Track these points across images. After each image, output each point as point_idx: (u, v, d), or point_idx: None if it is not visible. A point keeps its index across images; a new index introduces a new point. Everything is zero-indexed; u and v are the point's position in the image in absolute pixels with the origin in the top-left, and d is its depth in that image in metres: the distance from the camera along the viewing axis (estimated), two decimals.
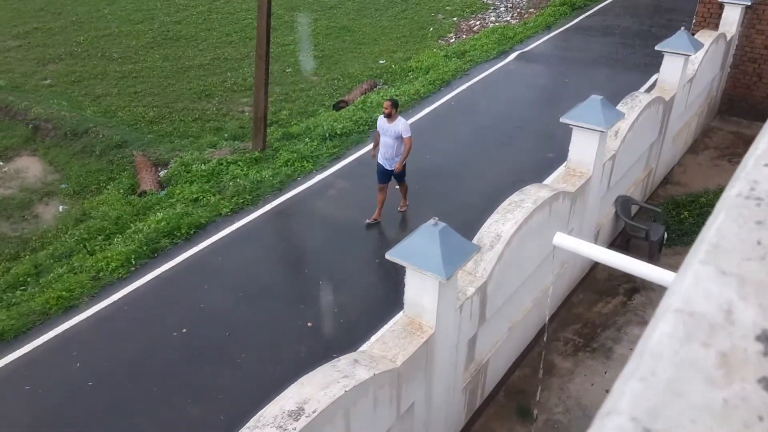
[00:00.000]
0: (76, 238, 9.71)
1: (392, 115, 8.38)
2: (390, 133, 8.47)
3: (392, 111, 8.33)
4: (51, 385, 6.53)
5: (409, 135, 8.46)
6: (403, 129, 8.42)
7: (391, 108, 8.32)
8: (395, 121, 8.43)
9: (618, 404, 0.60)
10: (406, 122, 8.53)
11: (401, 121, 8.49)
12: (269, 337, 7.15)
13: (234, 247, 8.81)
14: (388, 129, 8.48)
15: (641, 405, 0.59)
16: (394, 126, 8.42)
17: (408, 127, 8.49)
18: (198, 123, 13.97)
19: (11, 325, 7.34)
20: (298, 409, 3.65)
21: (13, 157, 12.28)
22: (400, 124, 8.43)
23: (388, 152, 8.57)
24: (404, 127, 8.43)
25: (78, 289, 7.95)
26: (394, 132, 8.43)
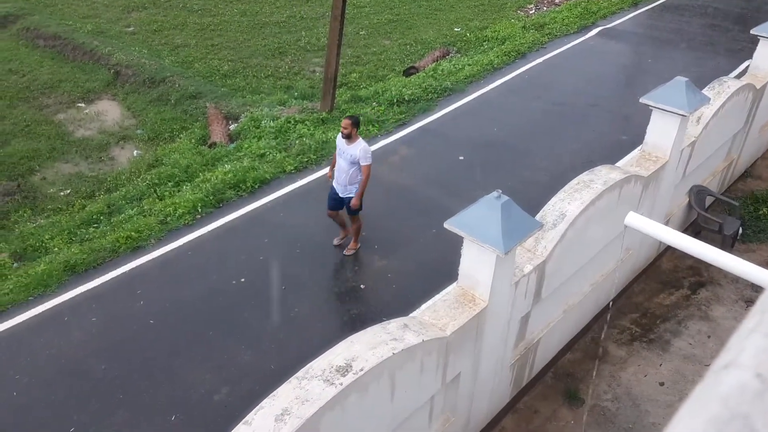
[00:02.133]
0: (147, 183, 10.09)
1: (352, 135, 7.06)
2: (346, 156, 7.15)
3: (352, 131, 7.02)
4: (115, 319, 6.88)
5: (369, 162, 7.11)
6: (362, 154, 7.07)
7: (350, 127, 7.01)
8: (355, 142, 7.11)
9: (739, 358, 0.55)
10: (367, 146, 7.17)
11: (361, 144, 7.12)
12: (322, 294, 7.28)
13: (295, 205, 8.96)
14: (345, 151, 7.17)
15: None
16: (351, 148, 7.10)
17: (368, 153, 7.13)
18: (270, 80, 14.14)
19: (83, 259, 7.75)
20: (346, 365, 3.71)
21: (94, 100, 12.81)
22: (358, 148, 7.07)
23: (342, 177, 7.29)
24: (363, 152, 7.08)
25: (146, 231, 8.29)
26: (351, 156, 7.10)
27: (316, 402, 3.52)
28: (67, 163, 10.99)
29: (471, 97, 12.20)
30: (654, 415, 6.15)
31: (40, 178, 10.50)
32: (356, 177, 7.23)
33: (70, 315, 6.90)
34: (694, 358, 6.84)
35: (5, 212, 9.69)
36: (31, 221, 9.54)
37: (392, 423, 4.18)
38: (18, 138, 11.27)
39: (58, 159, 11.02)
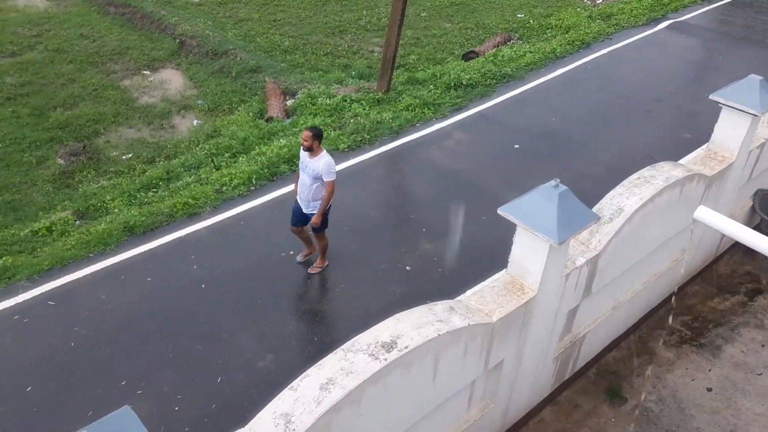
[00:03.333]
0: (205, 152, 10.35)
1: (313, 148, 6.52)
2: (309, 170, 6.62)
3: (313, 143, 6.48)
4: (169, 281, 7.12)
5: (332, 179, 6.59)
6: (325, 170, 6.52)
7: (311, 140, 6.46)
8: (317, 156, 6.57)
9: None
10: (330, 161, 6.57)
11: (324, 157, 6.56)
12: (368, 273, 7.35)
13: (346, 183, 9.02)
14: (308, 165, 6.62)
15: None
16: (314, 162, 6.56)
17: (331, 168, 6.55)
18: (328, 58, 14.21)
19: (142, 222, 8.03)
20: (391, 342, 3.76)
21: (159, 68, 13.16)
22: (321, 162, 6.52)
23: (304, 193, 6.77)
24: (326, 167, 6.52)
25: (202, 199, 8.52)
26: (313, 170, 6.57)
27: (360, 375, 3.58)
28: (131, 128, 11.36)
29: (531, 85, 11.99)
30: (699, 420, 6.01)
31: (104, 141, 10.89)
32: (319, 193, 6.67)
33: (127, 274, 7.18)
34: (746, 366, 6.63)
35: (71, 172, 10.11)
36: (94, 182, 9.93)
37: (432, 403, 4.22)
38: (86, 101, 11.70)
39: (122, 124, 11.40)
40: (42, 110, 11.24)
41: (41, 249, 7.83)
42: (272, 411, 3.50)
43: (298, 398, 3.50)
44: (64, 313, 6.64)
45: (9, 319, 6.50)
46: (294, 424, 3.39)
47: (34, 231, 8.36)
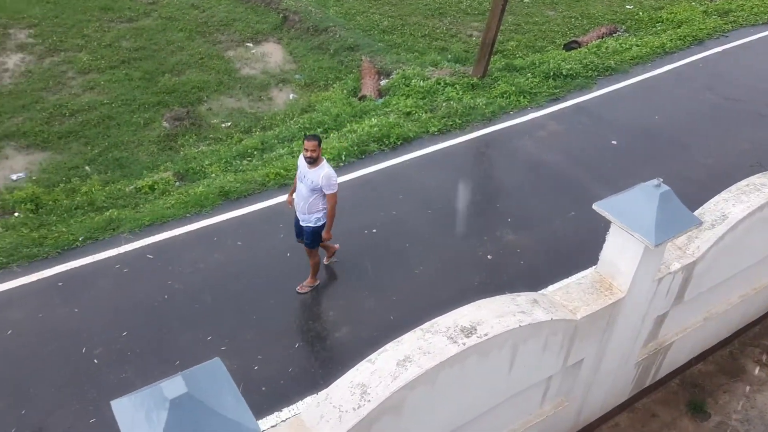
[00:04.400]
0: (299, 126, 10.62)
1: (317, 159, 6.02)
2: (307, 181, 6.08)
3: (319, 153, 6.00)
4: (257, 247, 7.42)
5: (333, 191, 6.07)
6: (325, 182, 6.00)
7: (318, 149, 5.95)
8: (318, 166, 6.03)
9: None
10: (330, 172, 6.03)
11: (324, 169, 6.02)
12: (448, 258, 7.34)
13: (433, 166, 9.02)
14: (306, 175, 6.09)
15: None
16: (313, 173, 6.02)
17: (332, 180, 6.02)
18: (425, 40, 14.15)
19: (236, 188, 8.38)
20: (471, 327, 3.76)
21: (261, 41, 13.57)
22: (321, 174, 5.99)
23: (300, 205, 6.27)
24: (326, 179, 5.99)
25: (293, 171, 8.75)
26: (312, 182, 6.04)
27: (438, 356, 3.61)
28: (231, 97, 11.81)
29: (634, 80, 11.46)
30: None
31: (206, 109, 11.39)
32: (317, 205, 6.18)
33: (219, 236, 7.53)
34: None
35: (174, 135, 10.66)
36: (194, 146, 10.43)
37: (506, 393, 4.19)
38: (192, 69, 12.26)
39: (223, 93, 11.87)
40: (152, 75, 11.89)
41: (143, 205, 8.34)
42: (349, 380, 3.59)
43: (375, 371, 3.58)
44: (160, 267, 7.06)
45: (111, 268, 7.00)
46: (369, 395, 3.47)
47: (138, 188, 8.91)
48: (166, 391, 2.74)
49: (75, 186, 8.94)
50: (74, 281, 6.80)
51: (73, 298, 6.57)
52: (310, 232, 6.36)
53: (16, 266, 6.96)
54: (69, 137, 10.25)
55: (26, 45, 12.22)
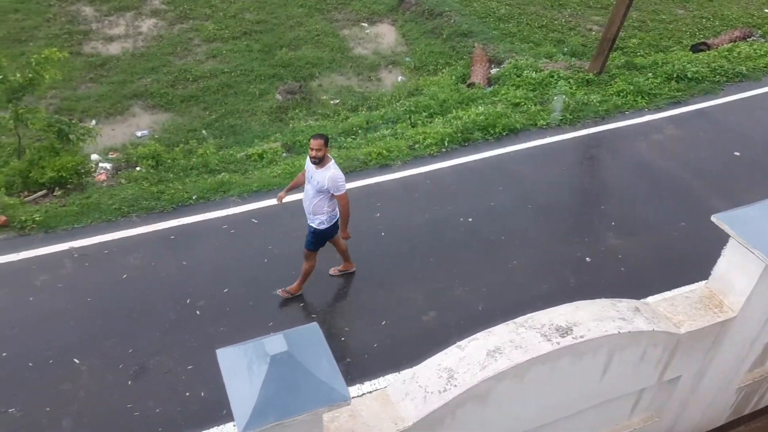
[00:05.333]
0: (404, 108, 10.69)
1: (324, 159, 5.79)
2: (314, 182, 5.87)
3: (325, 152, 5.76)
4: (353, 223, 7.52)
5: (341, 192, 5.84)
6: (331, 184, 5.75)
7: (324, 148, 5.72)
8: (324, 167, 5.79)
9: None
10: (337, 174, 5.78)
11: (331, 169, 5.77)
12: (545, 256, 7.18)
13: (538, 160, 8.82)
14: (313, 176, 5.87)
15: None
16: (319, 174, 5.79)
17: (338, 181, 5.77)
18: (542, 31, 13.76)
19: (339, 164, 8.45)
20: (566, 327, 3.68)
21: (376, 22, 13.72)
22: (327, 176, 5.75)
23: (306, 205, 6.09)
24: (333, 181, 5.75)
25: (395, 152, 8.86)
26: (318, 183, 5.82)
27: (529, 352, 3.57)
28: (342, 75, 12.06)
29: (767, 89, 10.61)
30: None
31: (317, 84, 11.71)
32: (321, 207, 5.95)
33: None
34: None
35: (285, 108, 11.05)
36: (303, 120, 10.77)
37: (595, 399, 4.08)
38: (308, 45, 12.62)
39: (335, 70, 12.14)
40: (270, 48, 12.35)
41: (252, 172, 8.74)
42: (437, 363, 3.63)
43: (464, 357, 3.59)
44: (263, 232, 7.39)
45: (219, 227, 7.40)
46: (456, 380, 3.49)
47: (248, 155, 9.33)
48: (268, 347, 2.90)
49: (192, 147, 9.50)
50: (185, 236, 7.27)
51: (182, 251, 7.03)
52: (311, 233, 6.15)
53: (135, 216, 7.53)
54: (190, 101, 10.87)
55: (160, 11, 13.04)
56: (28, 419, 5.26)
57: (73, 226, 7.31)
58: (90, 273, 6.69)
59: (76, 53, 11.33)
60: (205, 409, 5.39)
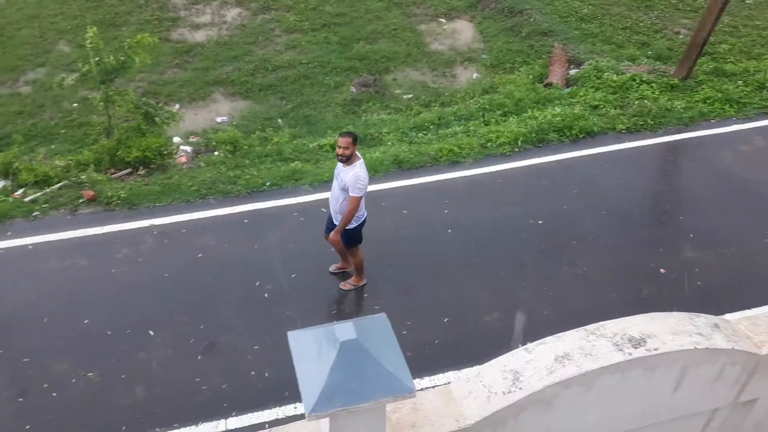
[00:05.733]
0: (478, 106, 10.59)
1: (352, 157, 5.73)
2: (339, 180, 5.84)
3: (353, 151, 5.71)
4: (421, 218, 7.60)
5: (358, 194, 5.73)
6: (351, 182, 5.68)
7: (352, 147, 5.68)
8: (351, 165, 5.74)
9: None
10: (359, 174, 5.69)
11: (355, 168, 5.71)
12: (617, 264, 6.98)
13: (615, 165, 8.57)
14: (339, 174, 5.86)
15: None
16: (345, 173, 5.75)
17: (358, 182, 5.68)
18: (626, 33, 13.30)
19: (409, 159, 8.63)
20: (640, 339, 3.57)
21: (454, 18, 13.63)
22: (350, 174, 5.70)
23: (332, 203, 6.06)
24: (353, 179, 5.67)
25: (467, 149, 8.81)
26: (342, 181, 5.78)
27: (599, 360, 3.48)
28: (417, 70, 12.06)
29: None
30: None
31: (392, 79, 11.76)
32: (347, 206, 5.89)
33: (388, 202, 7.82)
34: None
35: (359, 100, 11.16)
36: (375, 113, 10.85)
37: (664, 415, 3.94)
38: (385, 38, 12.68)
39: (410, 65, 12.15)
40: (348, 40, 12.49)
41: (323, 162, 8.89)
42: (503, 364, 3.60)
43: (531, 361, 3.55)
44: None
45: (290, 214, 7.59)
46: (522, 382, 3.45)
47: (320, 145, 9.49)
48: (338, 333, 2.96)
49: (268, 135, 9.75)
50: (257, 220, 7.49)
51: (254, 235, 7.24)
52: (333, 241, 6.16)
53: (212, 199, 7.81)
54: (268, 90, 11.15)
55: (244, 1, 13.41)
56: (105, 383, 5.58)
57: (155, 205, 7.67)
58: (167, 250, 7.00)
59: (165, 39, 11.81)
60: (268, 389, 5.56)
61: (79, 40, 11.14)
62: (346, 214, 5.86)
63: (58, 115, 10.03)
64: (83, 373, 5.64)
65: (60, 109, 10.15)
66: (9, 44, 11.50)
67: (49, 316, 6.16)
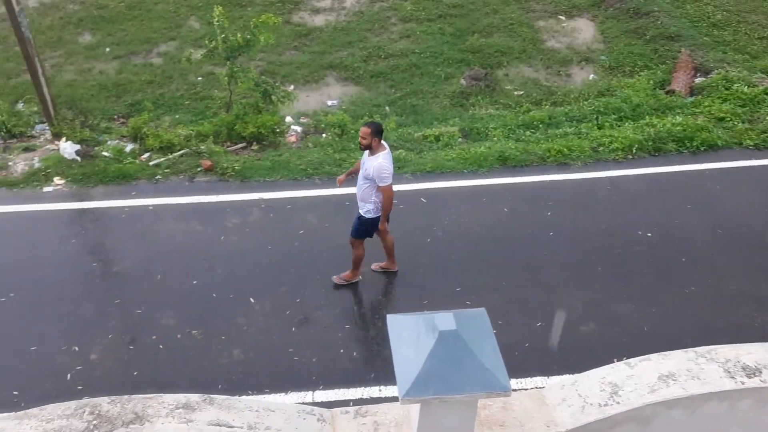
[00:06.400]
0: (592, 108, 10.20)
1: (372, 146, 5.76)
2: (363, 169, 5.93)
3: (372, 141, 5.73)
4: (521, 218, 7.45)
5: (385, 183, 5.77)
6: (376, 173, 5.72)
7: (370, 138, 5.71)
8: (375, 155, 5.79)
9: None
10: (383, 164, 5.72)
11: (380, 158, 5.73)
12: (730, 287, 6.53)
13: (737, 182, 8.03)
14: (364, 162, 5.95)
15: None
16: (369, 162, 5.82)
17: (383, 171, 5.71)
18: (762, 42, 12.29)
19: (515, 156, 8.48)
20: (755, 368, 3.35)
21: (575, 16, 13.17)
22: (375, 163, 5.72)
23: (357, 191, 6.09)
24: (377, 170, 5.71)
25: (576, 152, 8.54)
26: (366, 170, 5.86)
27: (708, 385, 3.31)
28: (530, 67, 11.79)
29: None
30: None
31: (503, 74, 11.56)
32: (369, 196, 5.95)
33: (489, 197, 7.76)
34: None
35: (467, 94, 11.06)
36: (483, 108, 10.72)
37: None
38: (500, 33, 12.47)
39: (523, 61, 11.89)
40: (462, 32, 12.40)
41: (426, 153, 8.92)
42: (601, 376, 3.50)
43: (632, 376, 3.42)
44: (430, 212, 7.56)
45: None
46: (620, 397, 3.34)
47: (425, 135, 9.52)
48: (437, 322, 2.98)
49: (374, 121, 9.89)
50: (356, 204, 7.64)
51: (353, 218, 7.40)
52: (356, 219, 6.18)
53: (318, 179, 8.06)
54: (378, 77, 11.29)
55: None
56: (206, 342, 5.94)
57: (264, 179, 8.03)
58: (273, 223, 7.31)
59: (286, 21, 12.23)
60: (355, 369, 5.70)
61: (208, 18, 11.75)
62: (385, 204, 5.96)
63: (184, 87, 10.67)
64: (188, 330, 6.02)
65: (186, 82, 10.79)
66: (146, 17, 12.35)
67: (162, 273, 6.62)
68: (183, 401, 3.13)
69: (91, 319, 6.13)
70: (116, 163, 8.27)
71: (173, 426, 3.00)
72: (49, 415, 3.04)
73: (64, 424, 2.99)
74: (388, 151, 5.93)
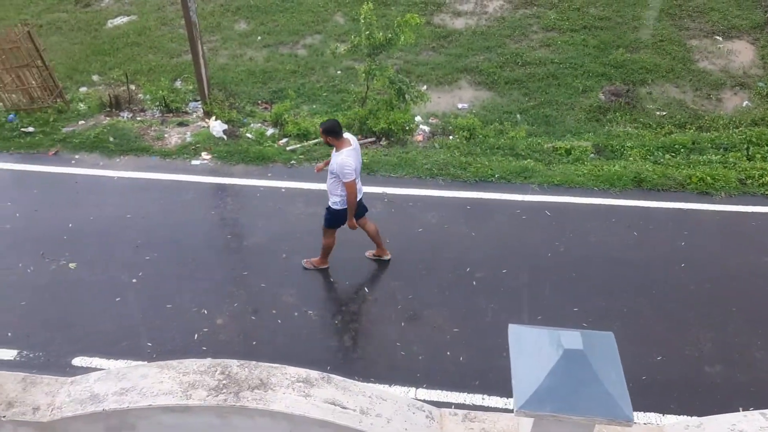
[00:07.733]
0: (743, 137, 9.46)
1: (338, 144, 5.97)
2: (331, 163, 6.13)
3: (327, 139, 6.04)
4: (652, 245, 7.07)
5: (347, 179, 5.92)
6: (338, 169, 5.92)
7: (324, 136, 6.05)
8: (340, 151, 5.96)
9: None
10: (344, 160, 5.87)
11: (344, 153, 5.90)
12: None
13: None
14: (332, 157, 6.11)
15: None
16: (334, 158, 6.03)
17: (345, 168, 5.87)
18: None
19: (652, 179, 8.08)
20: None
21: (733, 37, 12.22)
22: (338, 160, 5.92)
23: (327, 184, 6.28)
24: (339, 166, 5.90)
25: (721, 182, 7.97)
26: (332, 165, 6.09)
27: None
28: (677, 87, 11.11)
29: None
30: None
31: (646, 92, 10.98)
32: (335, 189, 6.15)
33: (618, 219, 7.41)
34: None
35: (605, 109, 10.64)
36: (621, 125, 10.26)
37: None
38: (648, 49, 11.85)
39: (670, 81, 11.22)
40: (606, 45, 11.91)
41: (556, 165, 8.70)
42: (731, 422, 3.29)
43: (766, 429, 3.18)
44: (553, 226, 7.38)
45: (512, 210, 7.61)
46: None
47: (555, 147, 9.28)
48: (563, 339, 2.92)
49: (504, 129, 9.78)
50: (479, 209, 7.63)
51: (474, 222, 7.39)
52: (326, 210, 6.37)
53: (441, 180, 8.12)
54: (513, 84, 11.14)
55: None
56: (320, 323, 6.21)
57: (389, 175, 8.21)
58: (393, 218, 7.47)
59: (427, 22, 12.38)
60: (460, 373, 5.70)
61: (353, 14, 12.18)
62: (348, 200, 6.10)
63: (323, 79, 11.13)
64: (305, 310, 6.31)
65: (326, 74, 11.25)
66: (296, 10, 12.99)
67: (287, 253, 6.98)
68: (304, 376, 3.31)
69: (221, 287, 6.60)
70: (257, 145, 8.81)
71: (293, 397, 3.18)
72: (186, 368, 3.33)
73: (198, 379, 3.26)
74: (353, 147, 6.06)
